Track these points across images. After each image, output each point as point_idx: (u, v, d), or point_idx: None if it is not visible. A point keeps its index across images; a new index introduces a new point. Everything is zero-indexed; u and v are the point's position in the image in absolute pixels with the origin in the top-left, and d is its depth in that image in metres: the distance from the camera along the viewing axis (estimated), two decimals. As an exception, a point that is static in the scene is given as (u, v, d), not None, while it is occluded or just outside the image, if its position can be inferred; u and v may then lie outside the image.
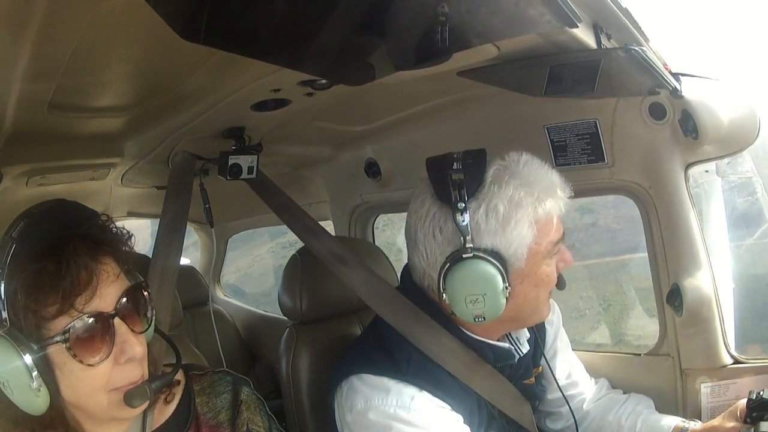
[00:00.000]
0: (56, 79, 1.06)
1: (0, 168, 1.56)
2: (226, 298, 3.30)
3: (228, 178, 1.57)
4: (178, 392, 1.06)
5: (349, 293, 1.67)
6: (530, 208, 1.16)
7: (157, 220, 1.51)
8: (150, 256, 1.45)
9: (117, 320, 0.88)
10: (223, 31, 0.78)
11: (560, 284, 1.28)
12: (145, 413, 1.00)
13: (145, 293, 0.96)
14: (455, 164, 1.17)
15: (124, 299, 0.90)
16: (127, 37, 0.96)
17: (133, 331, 0.90)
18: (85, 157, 1.74)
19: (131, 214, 2.61)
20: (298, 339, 1.63)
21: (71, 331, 0.84)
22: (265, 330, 2.92)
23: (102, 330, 0.87)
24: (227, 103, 1.32)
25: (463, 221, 1.14)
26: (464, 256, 1.14)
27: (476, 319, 1.17)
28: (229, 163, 1.57)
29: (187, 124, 1.47)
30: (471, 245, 1.14)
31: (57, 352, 0.85)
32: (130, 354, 0.88)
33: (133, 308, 0.92)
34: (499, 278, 1.13)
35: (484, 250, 1.14)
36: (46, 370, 0.85)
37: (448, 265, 1.16)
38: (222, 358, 2.05)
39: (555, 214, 1.20)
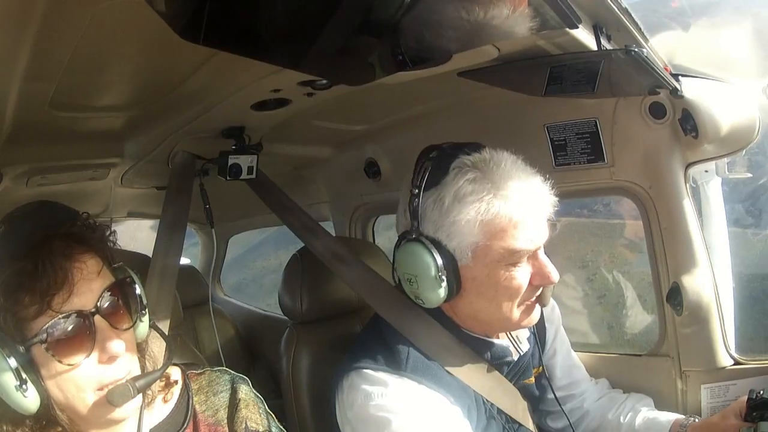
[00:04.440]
0: (56, 78, 1.06)
1: (0, 168, 1.57)
2: (227, 298, 3.30)
3: (228, 178, 1.57)
4: (176, 391, 1.06)
5: (350, 293, 1.67)
6: (474, 206, 1.13)
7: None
8: (150, 256, 1.45)
9: (98, 318, 0.87)
10: (223, 31, 0.78)
11: (542, 300, 1.23)
12: (141, 412, 0.99)
13: (133, 289, 0.94)
14: (433, 152, 1.20)
15: (106, 296, 0.89)
16: (127, 37, 0.96)
17: (116, 328, 0.89)
18: (85, 157, 1.74)
19: (131, 215, 2.61)
20: (298, 339, 1.62)
21: (48, 331, 0.84)
22: (265, 330, 2.92)
23: (81, 329, 0.86)
24: (227, 103, 1.32)
25: (414, 206, 1.18)
26: (408, 237, 1.20)
27: (417, 300, 1.23)
28: (229, 163, 1.57)
29: (187, 124, 1.48)
30: (419, 229, 1.19)
31: (39, 352, 0.85)
32: (112, 352, 0.87)
33: (117, 305, 0.91)
34: (432, 265, 1.16)
35: (426, 237, 1.18)
36: (31, 370, 0.85)
37: (399, 242, 1.23)
38: (222, 358, 2.05)
39: (517, 221, 1.13)
